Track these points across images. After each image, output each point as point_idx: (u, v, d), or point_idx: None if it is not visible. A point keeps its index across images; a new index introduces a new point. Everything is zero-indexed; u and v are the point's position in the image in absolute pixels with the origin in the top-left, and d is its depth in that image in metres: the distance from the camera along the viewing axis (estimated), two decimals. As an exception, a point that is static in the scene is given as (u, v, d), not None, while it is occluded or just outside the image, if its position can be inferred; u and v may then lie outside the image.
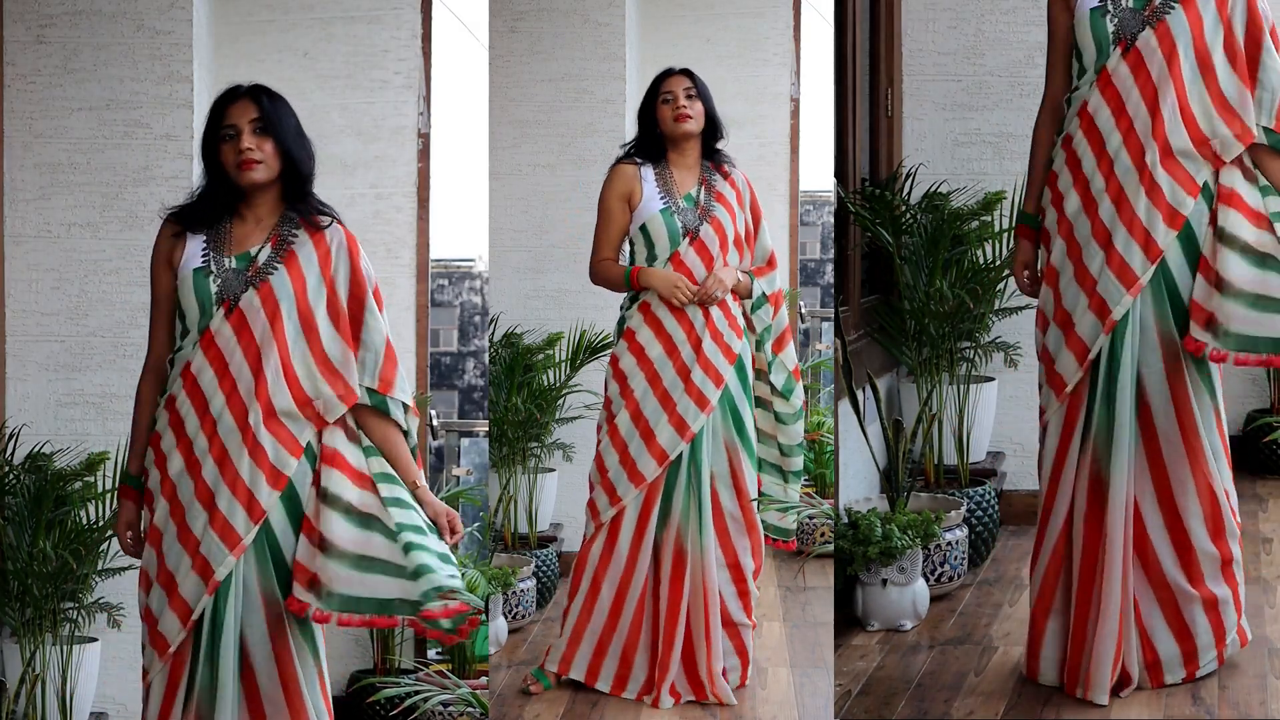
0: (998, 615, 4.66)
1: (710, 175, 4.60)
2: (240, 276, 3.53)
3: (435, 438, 5.58)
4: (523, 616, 5.14)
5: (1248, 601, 4.54)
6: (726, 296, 4.52)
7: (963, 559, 4.83)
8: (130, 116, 4.95)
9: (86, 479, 4.69)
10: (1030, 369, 4.80)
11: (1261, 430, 5.68)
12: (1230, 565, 4.03)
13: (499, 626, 4.99)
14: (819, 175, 5.96)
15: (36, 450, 4.70)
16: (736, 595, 4.59)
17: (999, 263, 5.20)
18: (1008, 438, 5.54)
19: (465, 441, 6.06)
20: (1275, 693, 4.02)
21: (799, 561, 5.54)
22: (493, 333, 5.33)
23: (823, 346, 6.24)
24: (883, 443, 4.87)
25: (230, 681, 3.46)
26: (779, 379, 4.68)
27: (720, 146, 4.64)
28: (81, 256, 4.96)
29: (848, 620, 4.67)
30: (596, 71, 5.52)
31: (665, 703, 4.48)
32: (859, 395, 4.92)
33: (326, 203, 3.63)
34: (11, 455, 4.70)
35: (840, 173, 5.12)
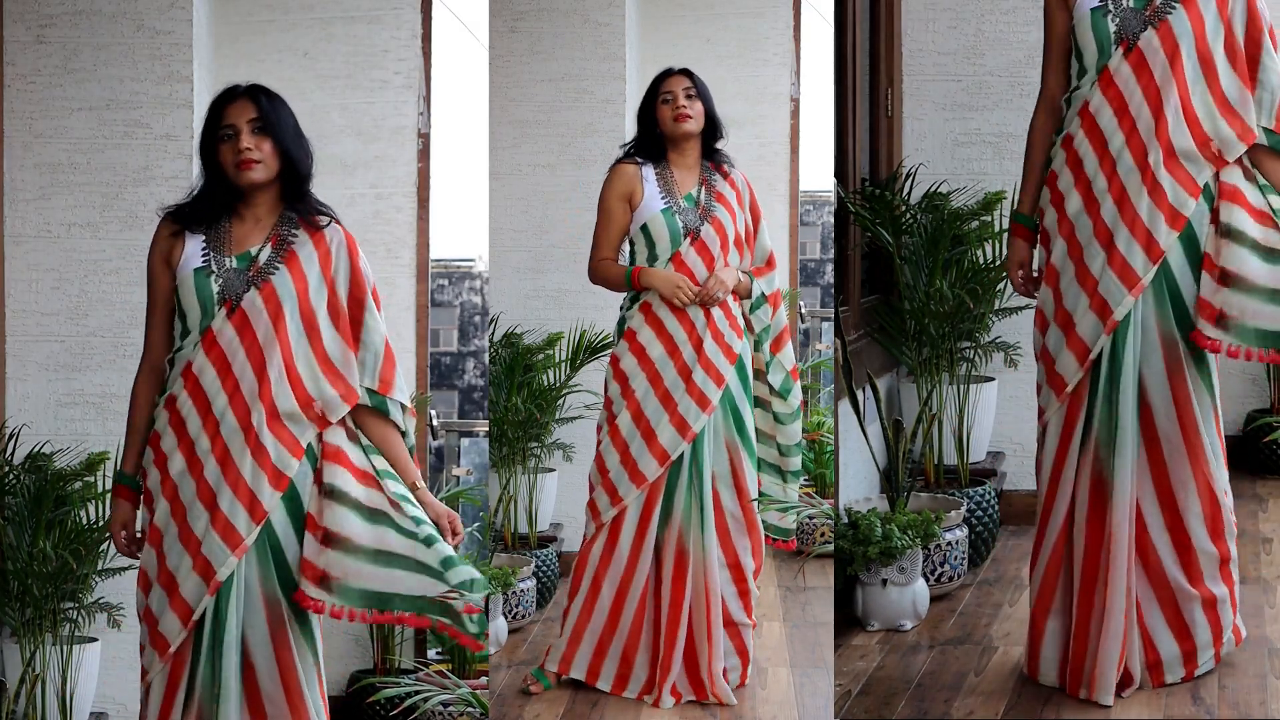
0: (998, 615, 4.66)
1: (710, 175, 4.60)
2: (242, 276, 3.53)
3: (435, 438, 5.57)
4: (523, 616, 5.14)
5: (1248, 601, 4.54)
6: (727, 297, 4.52)
7: (963, 559, 4.83)
8: (130, 116, 4.95)
9: (86, 479, 4.68)
10: (1030, 369, 4.80)
11: (1261, 430, 5.68)
12: (1227, 564, 4.03)
13: (499, 626, 4.99)
14: (819, 175, 5.96)
15: (36, 450, 4.70)
16: (737, 595, 4.59)
17: (999, 263, 5.20)
18: (1008, 438, 5.54)
19: (465, 441, 6.06)
20: (1275, 693, 4.02)
21: (799, 561, 5.54)
22: (493, 333, 5.33)
23: (823, 346, 6.24)
24: (883, 443, 4.87)
25: (233, 682, 3.46)
26: (777, 379, 4.68)
27: (720, 146, 4.64)
28: (81, 256, 4.96)
29: (848, 620, 4.66)
30: (596, 71, 5.52)
31: (666, 702, 4.48)
32: (859, 395, 4.92)
33: (324, 203, 3.63)
34: (11, 455, 4.70)
35: (840, 173, 5.12)
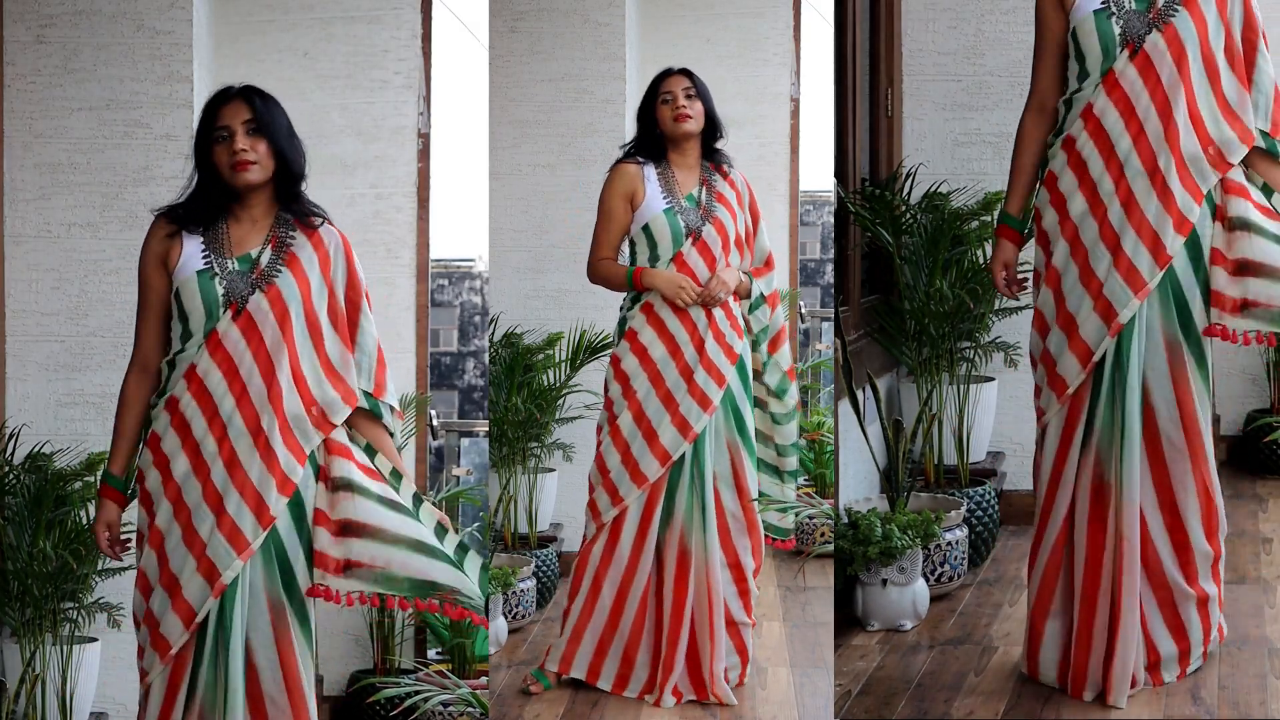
0: (998, 615, 4.66)
1: (710, 175, 4.60)
2: (245, 279, 3.52)
3: (435, 438, 5.57)
4: (523, 616, 5.14)
5: (1248, 601, 4.56)
6: (729, 297, 4.52)
7: (963, 559, 4.83)
8: (130, 116, 4.95)
9: (86, 479, 4.68)
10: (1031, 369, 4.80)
11: (1261, 430, 5.68)
12: (1218, 562, 4.03)
13: (499, 626, 4.99)
14: (819, 175, 5.96)
15: (36, 450, 4.70)
16: (737, 594, 4.59)
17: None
18: (1008, 438, 5.54)
19: (465, 441, 6.06)
20: (1275, 693, 4.02)
21: (799, 561, 5.54)
22: (493, 333, 5.33)
23: (823, 346, 6.24)
24: (883, 443, 4.87)
25: (239, 684, 3.45)
26: (773, 379, 4.68)
27: (720, 146, 4.64)
28: (81, 256, 4.96)
29: (848, 620, 4.66)
30: (596, 71, 5.52)
31: (668, 702, 4.48)
32: (859, 395, 4.92)
33: (316, 203, 3.63)
34: (11, 455, 4.70)
35: (840, 173, 5.12)
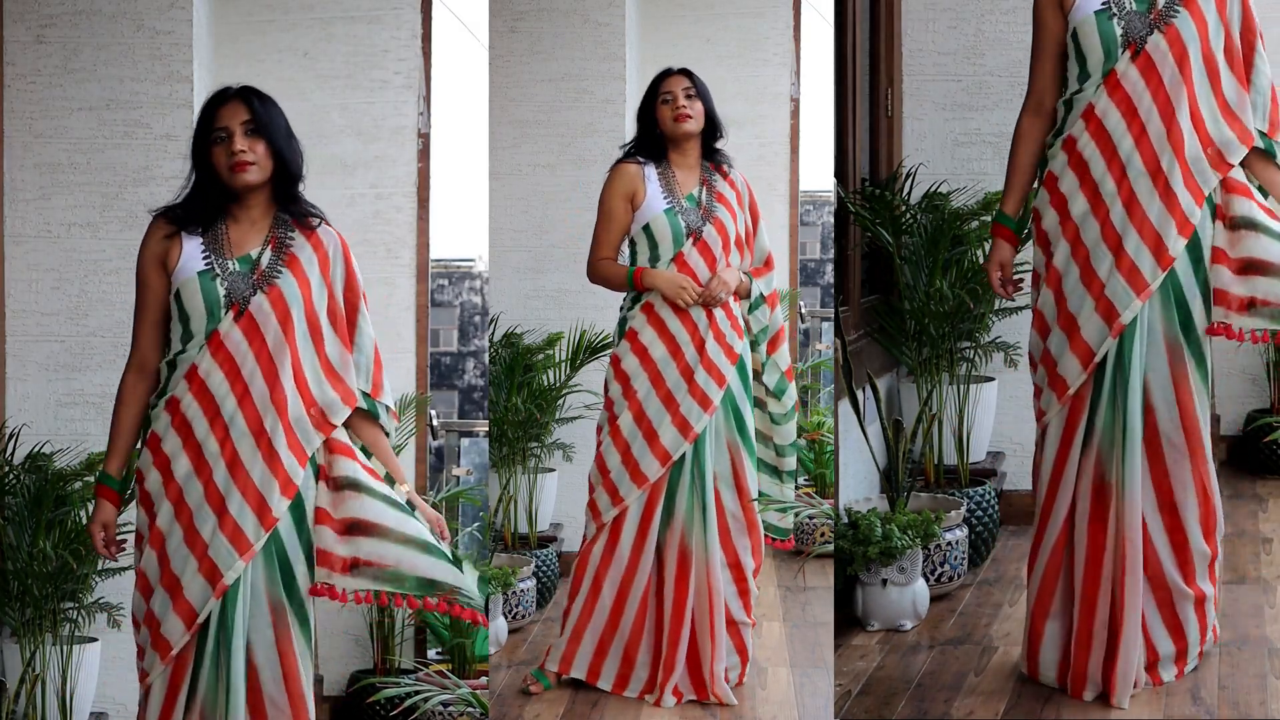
0: (998, 615, 4.66)
1: (710, 175, 4.59)
2: (246, 280, 3.52)
3: (435, 438, 5.57)
4: (523, 616, 5.14)
5: (1248, 601, 4.56)
6: (729, 297, 4.52)
7: (963, 559, 4.83)
8: (130, 116, 4.95)
9: (86, 479, 4.68)
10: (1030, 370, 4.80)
11: (1261, 430, 5.68)
12: (1214, 562, 4.03)
13: (499, 626, 4.99)
14: (819, 175, 5.96)
15: (36, 450, 4.69)
16: (737, 594, 4.59)
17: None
18: (1008, 438, 5.54)
19: (465, 441, 6.05)
20: (1275, 693, 4.02)
21: (799, 561, 5.54)
22: (493, 333, 5.33)
23: (823, 346, 6.24)
24: (883, 443, 4.87)
25: (241, 684, 3.45)
26: (772, 379, 4.69)
27: (720, 146, 4.64)
28: (81, 256, 4.96)
29: (848, 620, 4.66)
30: (596, 71, 5.52)
31: (668, 702, 4.48)
32: (859, 395, 4.92)
33: (313, 203, 3.63)
34: (11, 455, 4.69)
35: (840, 173, 5.12)
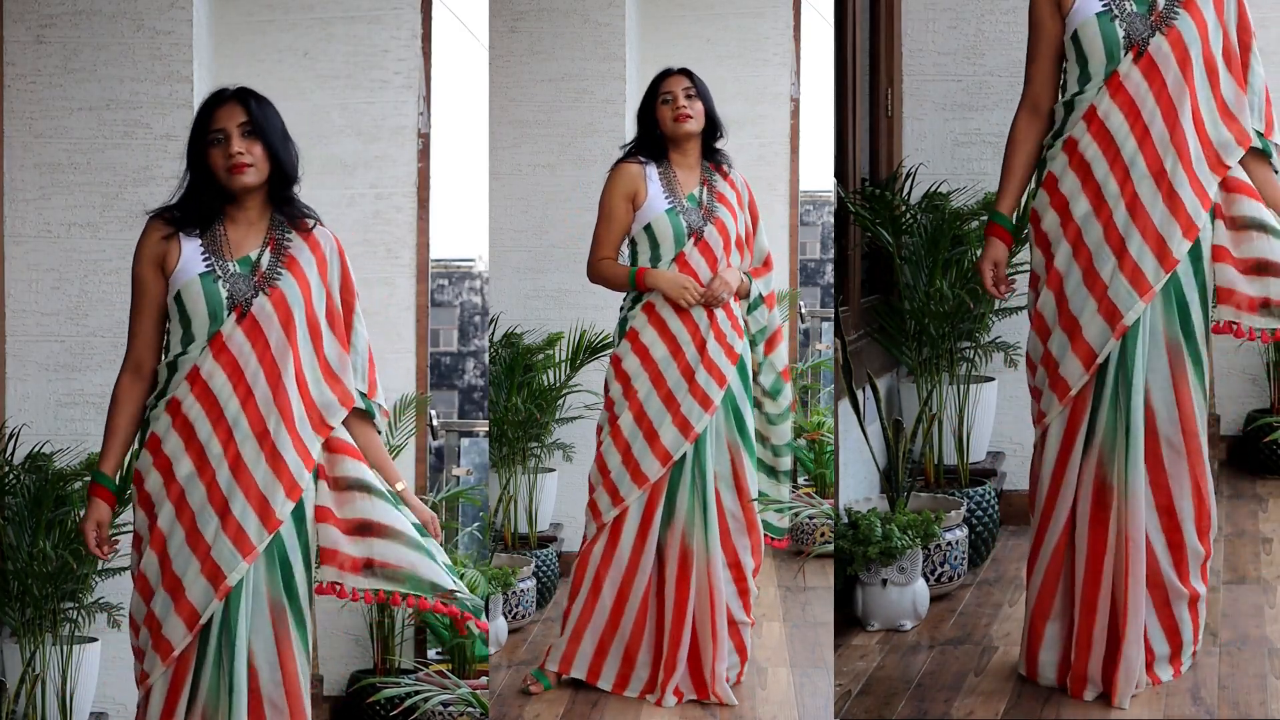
0: (998, 615, 4.66)
1: (711, 176, 4.59)
2: (247, 281, 3.52)
3: (435, 438, 5.57)
4: (523, 616, 5.14)
5: (1248, 601, 4.56)
6: (730, 298, 4.52)
7: (963, 559, 4.83)
8: (130, 116, 4.95)
9: (86, 479, 4.67)
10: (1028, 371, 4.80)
11: (1261, 430, 5.68)
12: (1207, 562, 4.03)
13: (499, 626, 4.99)
14: (819, 175, 5.96)
15: (36, 450, 4.70)
16: (736, 594, 4.59)
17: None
18: (1008, 438, 5.54)
19: (465, 441, 6.05)
20: (1275, 693, 4.02)
21: (799, 561, 5.54)
22: (493, 333, 5.33)
23: (823, 346, 6.24)
24: (883, 443, 4.87)
25: (244, 685, 3.45)
26: (768, 380, 4.69)
27: (720, 146, 4.64)
28: (81, 256, 4.96)
29: (848, 620, 4.66)
30: (596, 71, 5.52)
31: (669, 701, 4.48)
32: (859, 395, 4.92)
33: (308, 204, 3.63)
34: (11, 455, 4.70)
35: (840, 173, 5.12)
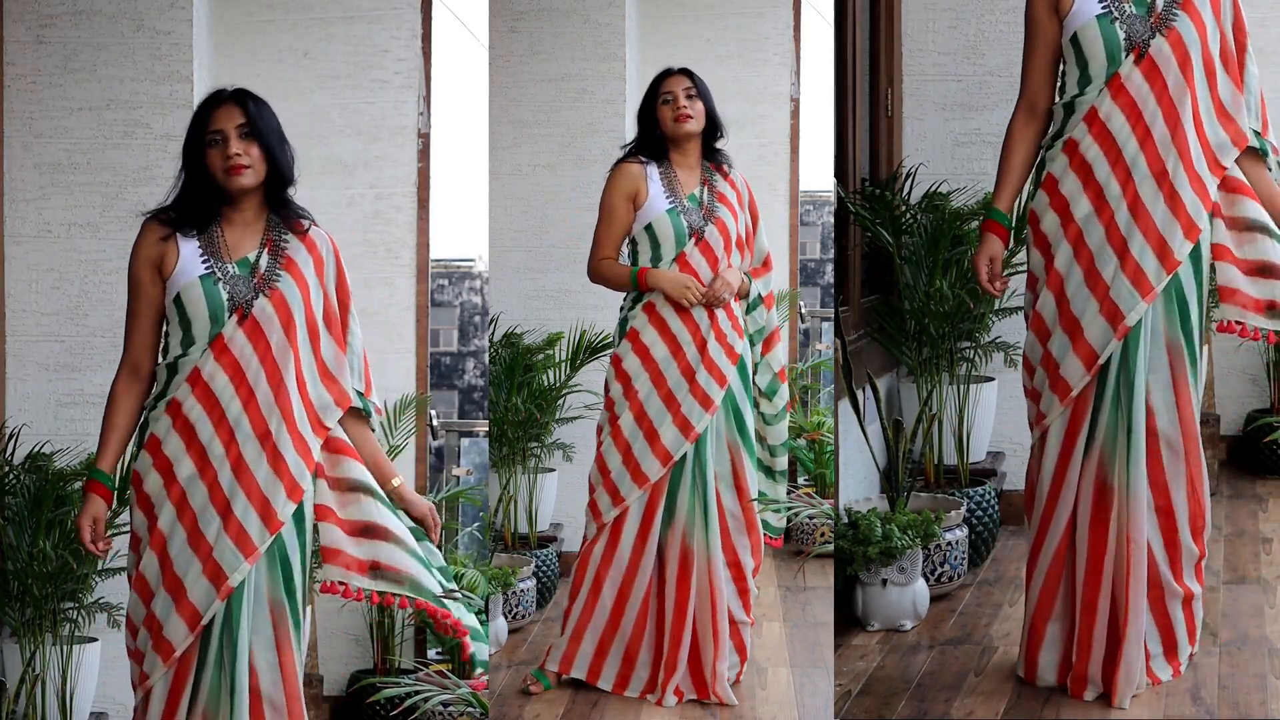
0: (998, 615, 4.66)
1: (711, 176, 4.59)
2: (247, 283, 3.52)
3: (435, 438, 5.57)
4: (523, 616, 5.14)
5: (1248, 601, 4.56)
6: (731, 298, 4.52)
7: (963, 559, 4.83)
8: (130, 116, 4.95)
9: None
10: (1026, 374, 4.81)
11: (1261, 430, 5.68)
12: (1201, 561, 4.04)
13: (499, 626, 4.99)
14: (819, 175, 5.96)
15: (36, 450, 4.70)
16: (736, 594, 4.59)
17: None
18: (1008, 438, 5.54)
19: (465, 441, 6.05)
20: (1275, 693, 4.02)
21: (799, 561, 5.54)
22: (493, 333, 5.33)
23: (823, 346, 6.24)
24: (883, 443, 4.87)
25: (245, 686, 3.46)
26: (764, 380, 4.69)
27: (720, 146, 4.64)
28: (81, 256, 4.96)
29: (848, 620, 4.66)
30: (596, 71, 5.52)
31: (669, 701, 4.48)
32: (859, 395, 4.92)
33: (303, 206, 3.63)
34: (11, 455, 4.70)
35: (840, 173, 5.12)
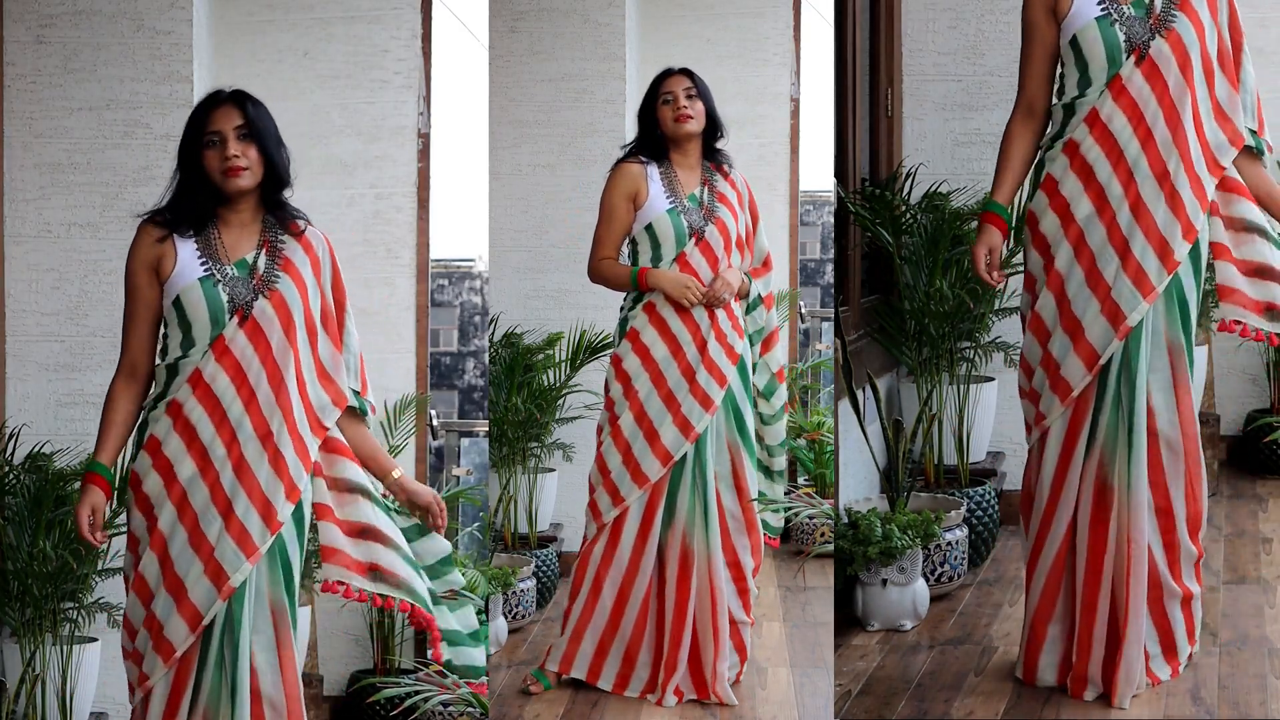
0: (998, 615, 4.66)
1: (711, 176, 4.59)
2: (246, 284, 3.52)
3: (435, 438, 5.57)
4: (523, 616, 5.14)
5: (1248, 601, 4.56)
6: (732, 298, 4.52)
7: (963, 559, 4.83)
8: (130, 116, 4.95)
9: (86, 478, 4.68)
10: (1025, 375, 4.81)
11: (1261, 430, 5.68)
12: (1199, 562, 4.04)
13: (499, 626, 4.99)
14: (819, 175, 5.96)
15: (36, 450, 4.69)
16: (736, 594, 4.59)
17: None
18: (1008, 438, 5.53)
19: (465, 441, 6.05)
20: (1275, 693, 4.02)
21: (799, 561, 5.54)
22: (493, 333, 5.33)
23: (823, 346, 6.23)
24: (883, 443, 4.87)
25: (246, 686, 3.46)
26: (762, 380, 4.69)
27: (720, 146, 4.64)
28: (81, 256, 4.96)
29: (848, 620, 4.66)
30: (596, 71, 5.52)
31: (669, 701, 4.48)
32: (859, 395, 4.92)
33: (307, 205, 3.64)
34: (11, 455, 4.69)
35: (840, 173, 5.12)
